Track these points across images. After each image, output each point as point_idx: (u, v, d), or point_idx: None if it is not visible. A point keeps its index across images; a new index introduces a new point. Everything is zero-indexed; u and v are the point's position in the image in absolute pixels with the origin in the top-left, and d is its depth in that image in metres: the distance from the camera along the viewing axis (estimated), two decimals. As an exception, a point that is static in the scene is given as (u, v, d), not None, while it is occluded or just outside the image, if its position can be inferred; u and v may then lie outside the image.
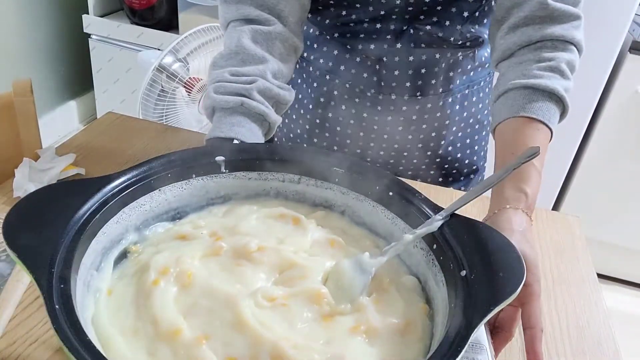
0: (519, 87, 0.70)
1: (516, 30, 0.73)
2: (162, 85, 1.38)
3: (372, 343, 0.49)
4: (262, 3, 0.76)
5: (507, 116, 0.69)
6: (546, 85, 0.68)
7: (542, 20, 0.72)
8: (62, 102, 2.49)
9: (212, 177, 0.62)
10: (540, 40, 0.72)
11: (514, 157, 0.60)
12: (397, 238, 0.57)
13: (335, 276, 0.54)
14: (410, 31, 0.82)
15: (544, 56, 0.71)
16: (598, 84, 1.80)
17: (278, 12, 0.77)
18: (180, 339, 0.46)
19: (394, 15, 0.80)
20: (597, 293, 0.72)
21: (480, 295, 0.45)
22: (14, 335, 0.55)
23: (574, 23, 0.72)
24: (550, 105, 0.69)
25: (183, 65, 1.38)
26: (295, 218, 0.62)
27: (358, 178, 0.61)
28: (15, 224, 0.45)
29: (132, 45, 2.19)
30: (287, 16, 0.77)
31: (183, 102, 1.43)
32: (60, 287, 0.42)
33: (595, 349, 0.64)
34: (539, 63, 0.71)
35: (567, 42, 0.72)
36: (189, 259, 0.54)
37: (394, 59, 0.83)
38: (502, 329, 0.58)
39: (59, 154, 0.83)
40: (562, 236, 0.82)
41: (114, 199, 0.53)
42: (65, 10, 2.35)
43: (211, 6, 2.05)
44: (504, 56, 0.75)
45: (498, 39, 0.76)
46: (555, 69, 0.70)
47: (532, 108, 0.68)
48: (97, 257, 0.52)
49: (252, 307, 0.49)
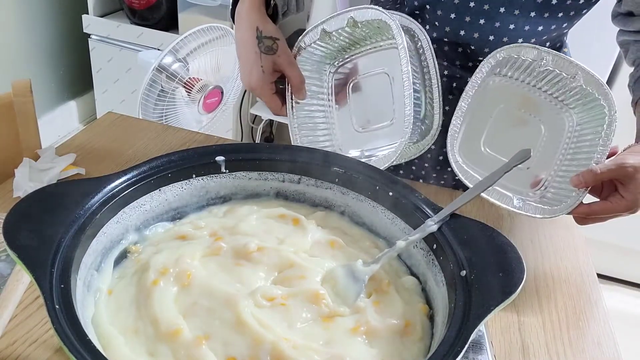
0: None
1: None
2: (162, 86, 1.38)
3: (372, 344, 0.49)
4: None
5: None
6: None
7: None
8: (62, 102, 2.49)
9: (212, 177, 0.62)
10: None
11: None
12: (397, 238, 0.58)
13: (331, 282, 0.54)
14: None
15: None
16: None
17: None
18: (180, 339, 0.46)
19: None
20: (597, 293, 0.72)
21: (480, 295, 0.45)
22: (14, 335, 0.55)
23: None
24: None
25: (183, 65, 1.38)
26: (295, 219, 0.62)
27: (358, 178, 0.61)
28: (15, 224, 0.45)
29: (132, 45, 2.18)
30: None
31: (183, 102, 1.43)
32: (61, 287, 0.42)
33: (595, 349, 0.64)
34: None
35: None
36: (189, 259, 0.54)
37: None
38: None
39: (59, 154, 0.83)
40: (562, 236, 0.82)
41: (114, 199, 0.53)
42: (65, 10, 2.35)
43: (211, 6, 2.05)
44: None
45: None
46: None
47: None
48: (97, 257, 0.52)
49: (251, 307, 0.49)
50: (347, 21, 0.76)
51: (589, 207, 0.69)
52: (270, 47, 0.77)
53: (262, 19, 0.79)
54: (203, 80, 1.43)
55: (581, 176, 0.68)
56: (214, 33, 1.39)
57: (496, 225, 0.73)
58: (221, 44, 1.42)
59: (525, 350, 0.62)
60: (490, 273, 0.47)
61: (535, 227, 0.83)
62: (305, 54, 0.82)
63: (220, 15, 2.05)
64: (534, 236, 0.82)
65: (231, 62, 1.48)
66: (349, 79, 0.83)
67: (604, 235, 1.98)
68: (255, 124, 2.39)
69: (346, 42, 0.81)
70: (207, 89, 1.44)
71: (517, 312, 0.67)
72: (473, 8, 0.78)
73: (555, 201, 0.72)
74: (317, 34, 0.80)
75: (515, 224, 0.84)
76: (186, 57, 1.39)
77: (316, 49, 0.82)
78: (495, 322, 0.65)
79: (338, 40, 0.80)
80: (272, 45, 0.77)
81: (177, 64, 1.37)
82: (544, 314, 0.67)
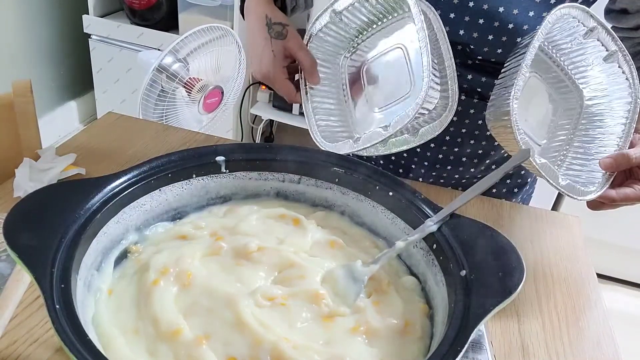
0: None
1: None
2: (162, 86, 1.38)
3: (372, 343, 0.49)
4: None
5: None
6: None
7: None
8: (62, 102, 2.49)
9: (212, 177, 0.62)
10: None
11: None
12: (397, 238, 0.58)
13: (330, 283, 0.54)
14: None
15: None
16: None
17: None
18: (180, 339, 0.46)
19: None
20: (597, 293, 0.73)
21: (480, 295, 0.45)
22: (15, 335, 0.55)
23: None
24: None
25: (183, 65, 1.38)
26: (295, 219, 0.62)
27: (358, 178, 0.61)
28: (16, 224, 0.45)
29: (132, 45, 2.19)
30: None
31: (183, 102, 1.43)
32: (61, 287, 0.42)
33: (595, 349, 0.64)
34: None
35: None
36: (189, 259, 0.54)
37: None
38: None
39: (59, 154, 0.83)
40: (562, 236, 0.82)
41: (114, 199, 0.53)
42: (65, 11, 2.35)
43: (211, 6, 2.05)
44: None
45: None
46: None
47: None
48: (97, 257, 0.52)
49: (251, 307, 0.49)
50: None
51: (616, 192, 0.67)
52: (280, 32, 0.77)
53: (271, 8, 0.79)
54: (203, 80, 1.43)
55: (614, 159, 0.67)
56: (214, 33, 1.39)
57: (496, 225, 0.72)
58: (221, 44, 1.42)
59: (525, 350, 0.62)
60: (490, 273, 0.47)
61: (535, 227, 0.83)
62: (316, 41, 0.81)
63: (221, 15, 2.05)
64: (534, 236, 0.82)
65: (231, 62, 1.48)
66: (362, 65, 0.81)
67: (604, 235, 1.98)
68: (255, 124, 2.39)
69: (357, 25, 0.80)
70: (207, 89, 1.44)
71: (517, 312, 0.67)
72: (472, 8, 0.78)
73: (583, 182, 0.70)
74: (327, 16, 0.79)
75: (515, 224, 0.84)
76: (186, 57, 1.39)
77: (327, 35, 0.80)
78: (495, 322, 0.65)
79: (349, 23, 0.79)
80: (282, 30, 0.77)
81: (177, 64, 1.38)
82: (543, 314, 0.67)
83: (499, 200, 0.88)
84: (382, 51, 0.80)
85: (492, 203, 0.87)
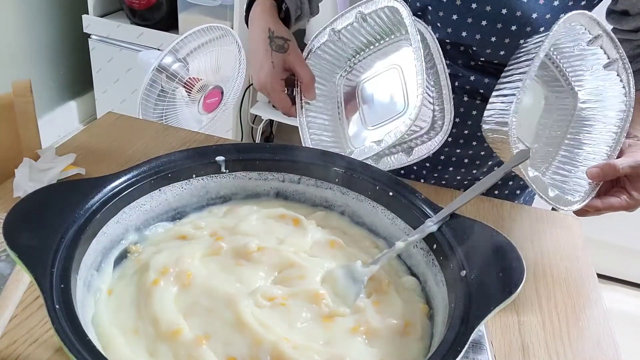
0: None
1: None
2: (162, 86, 1.38)
3: (372, 343, 0.49)
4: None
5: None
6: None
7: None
8: (62, 102, 2.49)
9: (212, 177, 0.62)
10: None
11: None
12: (397, 238, 0.58)
13: (330, 283, 0.54)
14: None
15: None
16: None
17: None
18: (180, 339, 0.46)
19: None
20: (597, 293, 0.72)
21: (480, 295, 0.45)
22: (14, 335, 0.55)
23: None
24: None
25: (183, 65, 1.38)
26: (295, 219, 0.62)
27: (358, 178, 0.61)
28: (15, 224, 0.45)
29: (132, 45, 2.18)
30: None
31: (183, 102, 1.43)
32: (61, 287, 0.42)
33: (595, 348, 0.64)
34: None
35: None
36: (189, 259, 0.54)
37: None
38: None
39: (59, 154, 0.83)
40: (562, 236, 0.82)
41: (114, 199, 0.53)
42: (65, 10, 2.35)
43: (211, 6, 2.05)
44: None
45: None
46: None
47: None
48: (97, 257, 0.52)
49: (251, 307, 0.49)
50: (355, 16, 0.77)
51: (601, 201, 0.69)
52: (281, 46, 0.78)
53: (274, 21, 0.80)
54: (203, 80, 1.42)
55: (601, 169, 0.68)
56: (214, 33, 1.39)
57: (496, 225, 0.73)
58: (221, 44, 1.42)
59: (525, 350, 0.62)
60: (490, 273, 0.47)
61: (535, 227, 0.83)
62: (314, 58, 0.82)
63: (220, 15, 2.05)
64: (534, 236, 0.82)
65: (231, 62, 1.48)
66: (358, 85, 0.83)
67: (604, 235, 1.98)
68: (255, 124, 2.39)
69: (355, 45, 0.81)
70: (207, 89, 1.44)
71: (517, 312, 0.67)
72: (475, 9, 0.78)
73: (569, 189, 0.71)
74: (327, 34, 0.80)
75: (516, 223, 0.84)
76: (186, 57, 1.39)
77: (325, 52, 0.82)
78: (495, 322, 0.65)
79: (347, 42, 0.80)
80: (284, 44, 0.78)
81: (177, 64, 1.37)
82: (543, 313, 0.67)
83: (499, 200, 0.88)
84: (378, 72, 0.81)
85: (493, 203, 0.87)
